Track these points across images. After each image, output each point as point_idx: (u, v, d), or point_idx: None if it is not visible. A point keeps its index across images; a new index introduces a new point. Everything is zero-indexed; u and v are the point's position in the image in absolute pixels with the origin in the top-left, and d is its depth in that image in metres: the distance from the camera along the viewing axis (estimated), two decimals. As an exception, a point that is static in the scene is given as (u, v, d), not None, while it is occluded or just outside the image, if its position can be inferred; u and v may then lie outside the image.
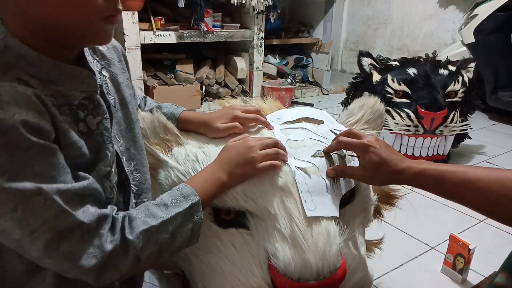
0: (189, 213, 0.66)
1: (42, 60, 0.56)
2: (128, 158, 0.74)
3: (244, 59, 3.52)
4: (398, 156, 0.75)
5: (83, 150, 0.60)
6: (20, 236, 0.52)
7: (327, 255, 0.70)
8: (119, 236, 0.59)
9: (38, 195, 0.51)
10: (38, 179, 0.51)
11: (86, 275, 0.56)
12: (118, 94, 0.74)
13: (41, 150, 0.52)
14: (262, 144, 0.77)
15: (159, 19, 2.95)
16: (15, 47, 0.54)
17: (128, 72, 0.81)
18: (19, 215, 0.51)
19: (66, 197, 0.54)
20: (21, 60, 0.54)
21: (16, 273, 0.61)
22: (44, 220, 0.52)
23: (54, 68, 0.57)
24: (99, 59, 0.71)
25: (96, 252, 0.56)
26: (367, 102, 1.03)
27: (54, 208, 0.52)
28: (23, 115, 0.50)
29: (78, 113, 0.60)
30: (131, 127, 0.76)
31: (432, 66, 2.25)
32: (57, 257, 0.54)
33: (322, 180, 0.77)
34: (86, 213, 0.56)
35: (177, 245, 0.65)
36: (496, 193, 0.65)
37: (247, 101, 1.04)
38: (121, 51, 0.80)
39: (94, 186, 0.59)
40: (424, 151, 2.23)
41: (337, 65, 5.10)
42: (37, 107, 0.52)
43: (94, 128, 0.63)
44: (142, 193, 0.76)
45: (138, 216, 0.62)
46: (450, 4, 3.77)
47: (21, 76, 0.54)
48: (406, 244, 1.59)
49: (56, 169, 0.53)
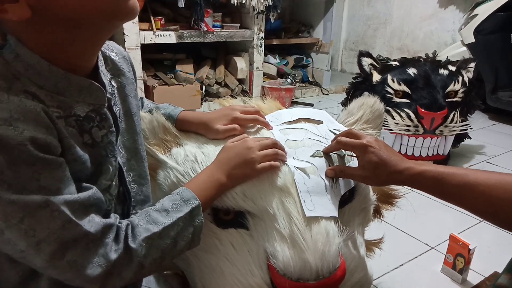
0: (190, 217, 0.66)
1: (52, 71, 0.55)
2: (128, 169, 0.74)
3: (244, 59, 3.52)
4: (398, 157, 0.75)
5: (86, 165, 0.60)
6: (25, 247, 0.52)
7: (326, 255, 0.70)
8: (123, 245, 0.59)
9: (46, 207, 0.51)
10: (44, 192, 0.51)
11: (90, 284, 0.56)
12: (124, 105, 0.74)
13: (47, 165, 0.52)
14: (261, 144, 0.77)
15: (159, 19, 2.95)
16: (26, 56, 0.54)
17: (135, 82, 0.80)
18: (26, 226, 0.51)
19: (73, 208, 0.54)
20: (30, 70, 0.54)
21: (9, 284, 0.61)
22: (51, 231, 0.52)
23: (64, 79, 0.57)
24: (109, 68, 0.71)
25: (101, 261, 0.56)
26: (367, 102, 1.03)
27: (60, 219, 0.53)
28: (31, 132, 0.50)
29: (84, 124, 0.60)
30: (135, 138, 0.76)
31: (432, 66, 2.25)
32: (62, 267, 0.54)
33: (321, 180, 0.77)
34: (92, 223, 0.56)
35: (179, 249, 0.66)
36: (497, 196, 0.65)
37: (246, 101, 1.03)
38: (130, 61, 0.79)
39: (98, 196, 0.60)
40: (424, 151, 2.23)
41: (337, 65, 5.10)
42: (45, 123, 0.52)
43: (99, 141, 0.63)
44: (137, 205, 0.76)
45: (139, 223, 0.62)
46: (450, 4, 3.76)
47: (28, 88, 0.53)
48: (406, 244, 1.59)
49: (62, 182, 0.54)
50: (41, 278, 0.61)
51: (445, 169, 0.71)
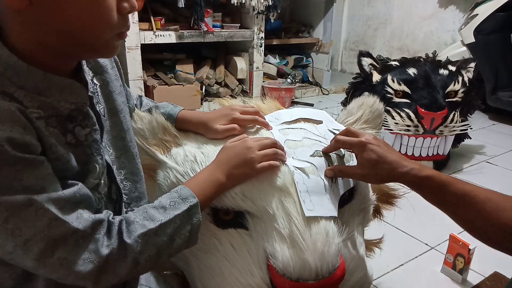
0: (188, 215, 0.66)
1: (32, 71, 0.55)
2: (119, 167, 0.73)
3: (244, 59, 3.52)
4: (398, 156, 0.75)
5: (71, 163, 0.59)
6: (13, 248, 0.52)
7: (326, 255, 0.70)
8: (117, 240, 0.59)
9: (30, 205, 0.51)
10: (28, 191, 0.51)
11: (83, 281, 0.56)
12: (109, 103, 0.73)
13: (28, 164, 0.51)
14: (261, 144, 0.77)
15: (159, 19, 2.95)
16: (3, 56, 0.54)
17: (121, 78, 0.80)
18: (11, 226, 0.51)
19: (58, 205, 0.54)
20: (9, 70, 0.54)
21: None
22: (37, 229, 0.52)
23: (44, 80, 0.56)
24: (91, 66, 0.71)
25: (92, 257, 0.56)
26: (366, 102, 1.03)
27: (46, 217, 0.52)
28: (7, 132, 0.49)
29: (66, 124, 0.60)
30: (122, 136, 0.75)
31: (432, 66, 2.25)
32: (52, 265, 0.54)
33: (320, 180, 0.77)
34: (80, 219, 0.56)
35: (176, 247, 0.65)
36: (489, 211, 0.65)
37: (246, 101, 1.03)
38: (114, 57, 0.78)
39: (84, 192, 0.59)
40: (424, 151, 2.23)
41: (337, 65, 5.10)
42: (21, 123, 0.51)
43: (83, 140, 0.62)
44: (131, 202, 0.76)
45: (136, 219, 0.62)
46: (450, 4, 3.76)
47: (7, 89, 0.53)
48: (406, 244, 1.59)
49: (46, 180, 0.53)
50: (36, 282, 0.60)
51: (448, 178, 0.71)
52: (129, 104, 0.87)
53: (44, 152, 0.55)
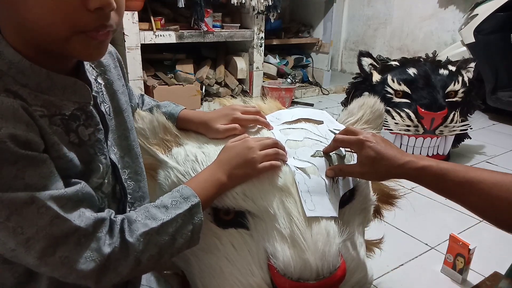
0: (189, 215, 0.66)
1: (35, 70, 0.55)
2: (123, 166, 0.73)
3: (244, 59, 3.52)
4: (397, 150, 0.74)
5: (74, 162, 0.59)
6: (15, 245, 0.52)
7: (326, 255, 0.70)
8: (118, 239, 0.59)
9: (31, 203, 0.51)
10: (30, 189, 0.51)
11: (85, 279, 0.56)
12: (113, 102, 0.73)
13: (30, 161, 0.51)
14: (262, 144, 0.77)
15: (159, 19, 2.95)
16: (8, 54, 0.54)
17: (124, 77, 0.80)
18: (13, 224, 0.51)
19: (60, 203, 0.53)
20: (13, 68, 0.54)
21: (6, 287, 0.60)
22: (39, 227, 0.52)
23: (47, 78, 0.56)
24: (94, 66, 0.70)
25: (94, 255, 0.56)
26: (367, 102, 1.03)
27: (48, 215, 0.52)
28: (10, 129, 0.49)
29: (70, 123, 0.59)
30: (126, 135, 0.75)
31: (432, 66, 2.25)
32: (54, 263, 0.54)
33: (321, 180, 0.77)
34: (82, 218, 0.56)
35: (178, 246, 0.65)
36: (498, 196, 0.63)
37: (247, 101, 1.03)
38: (116, 56, 0.78)
39: (87, 190, 0.59)
40: (424, 151, 2.23)
41: (337, 65, 5.10)
42: (24, 120, 0.51)
43: (86, 139, 0.62)
44: (135, 202, 0.76)
45: (138, 218, 0.62)
46: (450, 4, 3.77)
47: (11, 86, 0.53)
48: (406, 244, 1.59)
49: (48, 178, 0.53)
50: (39, 282, 0.60)
51: (447, 165, 0.69)
52: (131, 103, 0.87)
53: (46, 150, 0.55)
